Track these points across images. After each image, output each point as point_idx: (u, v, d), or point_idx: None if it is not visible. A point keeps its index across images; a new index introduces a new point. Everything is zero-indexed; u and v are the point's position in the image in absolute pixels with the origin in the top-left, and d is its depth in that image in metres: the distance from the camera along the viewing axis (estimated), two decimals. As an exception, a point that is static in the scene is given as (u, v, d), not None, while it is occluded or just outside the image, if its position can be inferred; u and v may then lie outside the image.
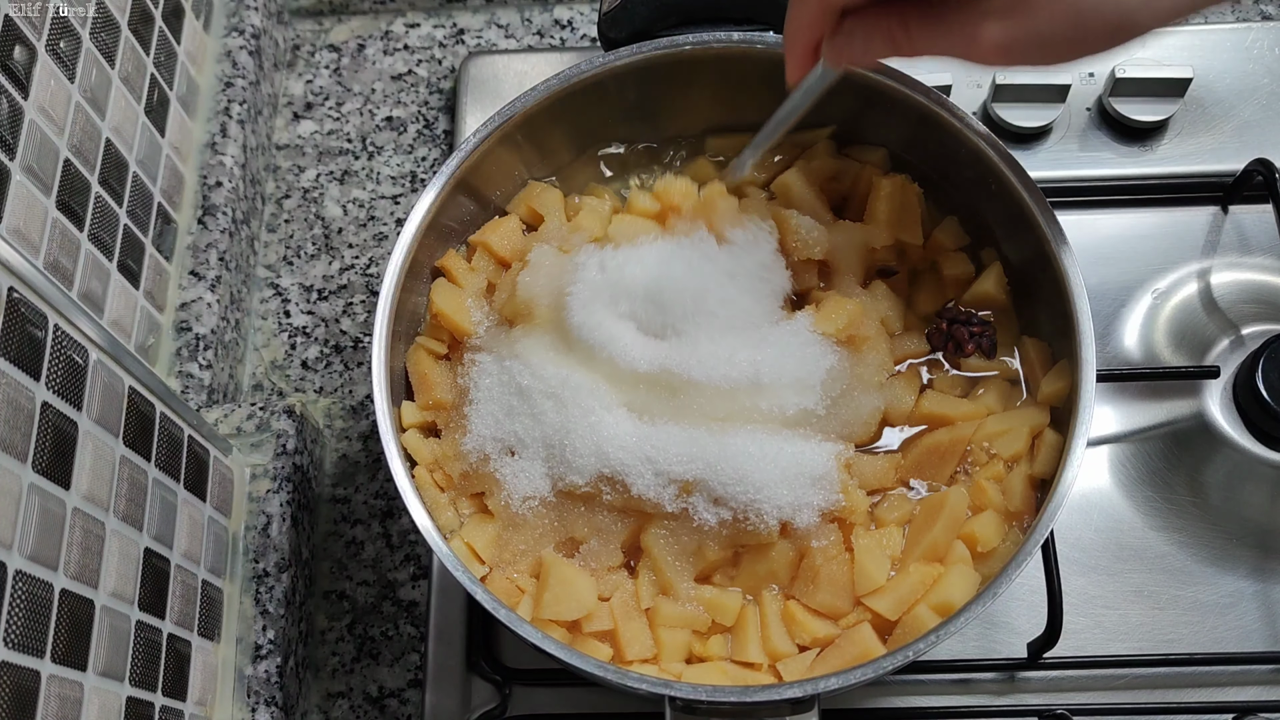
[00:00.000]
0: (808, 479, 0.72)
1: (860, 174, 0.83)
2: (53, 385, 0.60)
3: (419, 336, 0.80)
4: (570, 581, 0.71)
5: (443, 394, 0.77)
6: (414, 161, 1.02)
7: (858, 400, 0.76)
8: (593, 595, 0.72)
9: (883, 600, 0.71)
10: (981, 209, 0.80)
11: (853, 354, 0.76)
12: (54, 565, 0.59)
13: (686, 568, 0.73)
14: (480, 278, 0.81)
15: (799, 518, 0.72)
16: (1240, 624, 0.82)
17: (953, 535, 0.73)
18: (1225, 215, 0.94)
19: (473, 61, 1.02)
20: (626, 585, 0.73)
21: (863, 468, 0.75)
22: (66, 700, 0.59)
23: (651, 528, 0.73)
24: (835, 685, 0.64)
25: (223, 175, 0.92)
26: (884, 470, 0.76)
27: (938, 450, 0.75)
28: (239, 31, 0.98)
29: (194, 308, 0.87)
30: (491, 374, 0.76)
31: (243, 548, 0.82)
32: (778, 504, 0.71)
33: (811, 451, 0.73)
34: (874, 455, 0.76)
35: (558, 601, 0.71)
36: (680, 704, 0.65)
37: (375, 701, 0.85)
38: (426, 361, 0.78)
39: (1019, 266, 0.79)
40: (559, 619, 0.71)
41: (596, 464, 0.72)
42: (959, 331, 0.79)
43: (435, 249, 0.81)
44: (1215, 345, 0.88)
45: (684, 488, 0.72)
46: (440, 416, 0.78)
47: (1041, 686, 0.81)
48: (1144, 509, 0.85)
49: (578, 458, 0.72)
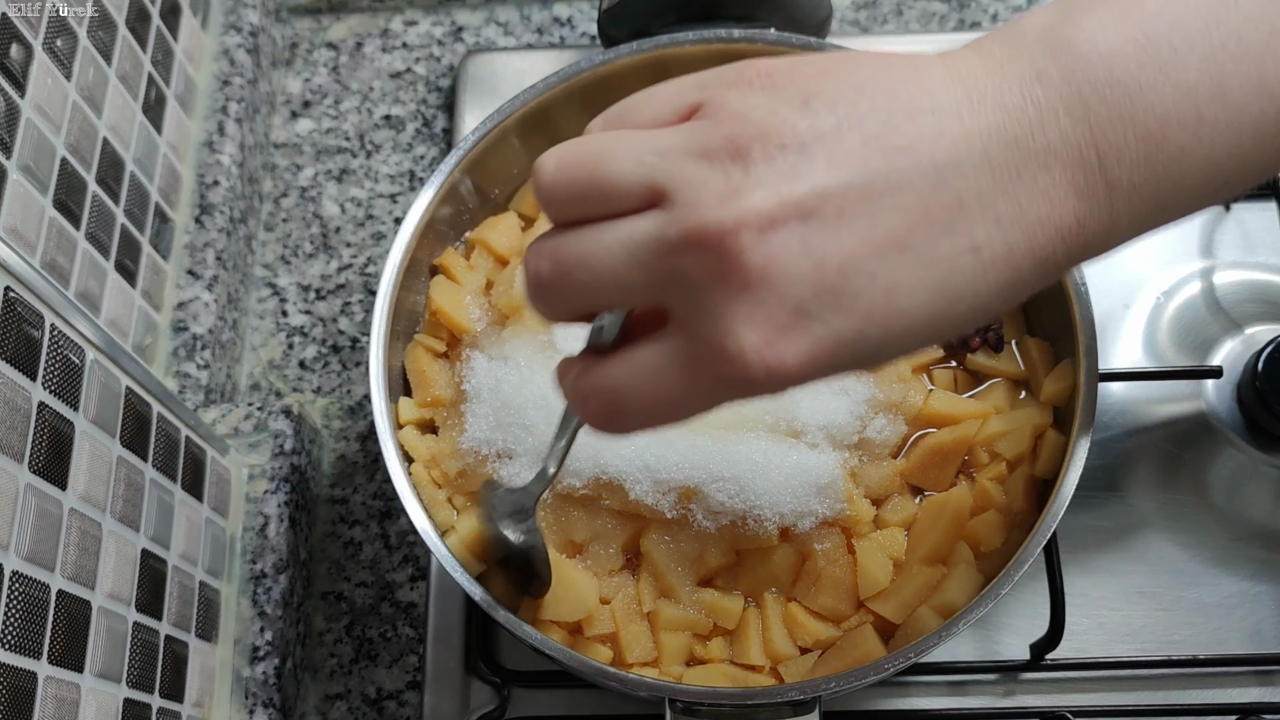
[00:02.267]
0: (812, 488, 0.71)
1: None
2: (49, 385, 0.59)
3: (418, 334, 0.80)
4: (573, 583, 0.71)
5: (440, 391, 0.77)
6: (412, 160, 1.02)
7: (878, 422, 0.75)
8: (595, 597, 0.72)
9: (887, 603, 0.71)
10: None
11: (876, 372, 0.76)
12: (51, 566, 0.59)
13: (687, 572, 0.72)
14: (479, 275, 0.81)
15: (801, 524, 0.71)
16: (1244, 625, 0.81)
17: (956, 537, 0.72)
18: (1228, 214, 0.93)
19: (471, 59, 1.02)
20: (629, 588, 0.73)
21: (868, 475, 0.75)
22: (63, 702, 0.59)
23: (651, 533, 0.72)
24: (836, 687, 0.64)
25: (220, 174, 0.92)
26: (889, 477, 0.75)
27: (941, 450, 0.75)
28: (237, 29, 0.98)
29: (191, 307, 0.87)
30: (482, 375, 0.76)
31: (240, 548, 0.81)
32: (780, 511, 0.71)
33: (816, 460, 0.72)
34: (878, 462, 0.75)
35: (559, 603, 0.71)
36: (681, 706, 0.65)
37: (373, 703, 0.84)
38: (425, 359, 0.78)
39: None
40: (561, 620, 0.71)
41: (593, 469, 0.72)
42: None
43: (434, 248, 0.80)
44: (1218, 345, 0.88)
45: (683, 494, 0.71)
46: (438, 414, 0.77)
47: (1044, 688, 0.81)
48: (1147, 510, 0.85)
49: (573, 462, 0.71)
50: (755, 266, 0.39)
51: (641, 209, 0.42)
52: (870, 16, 1.06)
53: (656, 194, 0.41)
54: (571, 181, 0.43)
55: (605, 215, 0.42)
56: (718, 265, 0.40)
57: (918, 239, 0.40)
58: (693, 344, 0.42)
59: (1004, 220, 0.41)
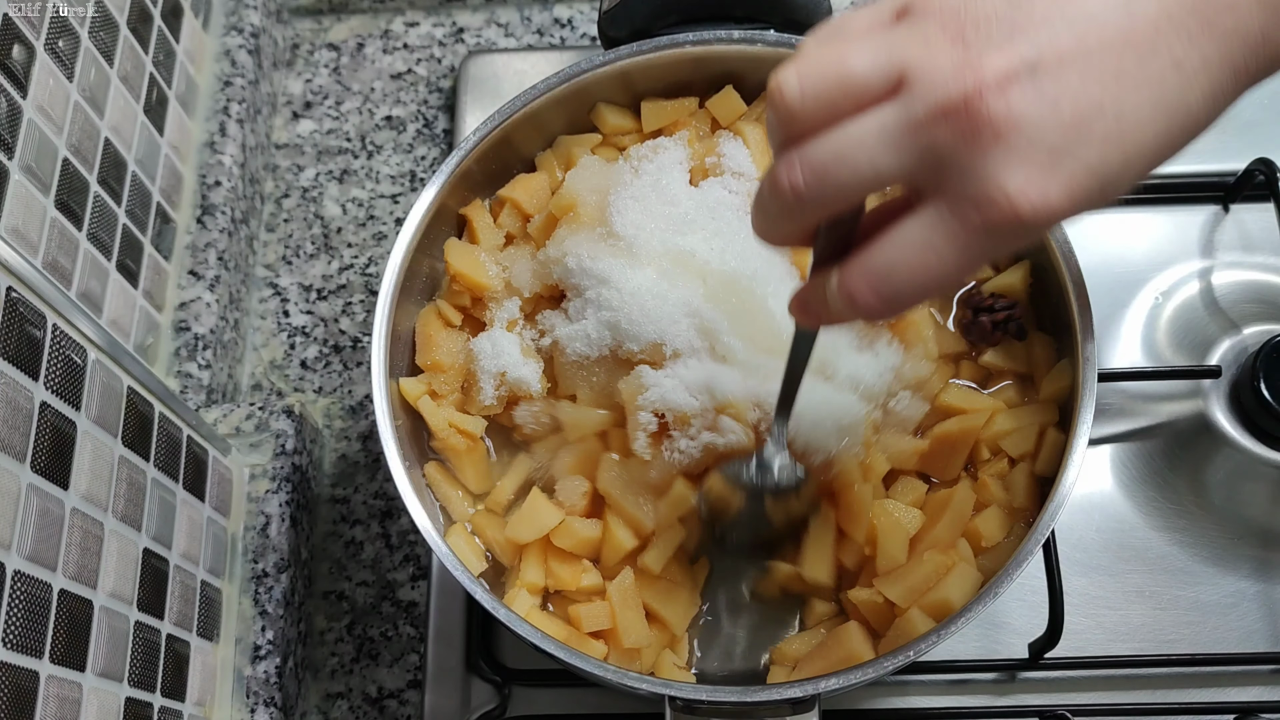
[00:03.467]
0: (833, 424, 0.72)
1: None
2: (51, 385, 0.60)
3: (438, 298, 0.81)
4: (536, 508, 0.74)
5: (443, 357, 0.78)
6: (413, 161, 1.02)
7: (903, 396, 0.76)
8: (555, 519, 0.74)
9: (895, 587, 0.71)
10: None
11: (906, 349, 0.76)
12: (53, 565, 0.59)
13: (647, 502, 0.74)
14: (500, 234, 0.81)
15: (811, 458, 0.72)
16: (1242, 624, 0.81)
17: (957, 533, 0.73)
18: (1226, 214, 0.93)
19: (472, 60, 1.02)
20: (626, 579, 0.73)
21: (888, 443, 0.75)
22: (65, 701, 0.59)
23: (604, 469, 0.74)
24: (836, 685, 0.64)
25: (221, 174, 0.92)
26: (908, 453, 0.75)
27: (949, 440, 0.75)
28: (238, 30, 0.98)
29: (193, 307, 0.87)
30: (582, 271, 0.76)
31: (242, 548, 0.81)
32: (805, 439, 0.71)
33: (843, 399, 0.73)
34: (900, 434, 0.76)
35: (522, 521, 0.74)
36: (680, 704, 0.65)
37: (374, 702, 0.85)
38: (435, 324, 0.79)
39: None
40: (518, 539, 0.74)
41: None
42: (982, 320, 0.78)
43: (435, 248, 0.81)
44: (1216, 345, 0.88)
45: (714, 349, 0.73)
46: (435, 379, 0.78)
47: (1042, 687, 0.81)
48: (1145, 509, 0.85)
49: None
50: (1002, 119, 0.44)
51: (884, 98, 0.46)
52: (870, 17, 1.06)
53: (897, 80, 0.45)
54: (818, 86, 0.47)
55: (851, 111, 0.46)
56: (969, 126, 0.44)
57: (1127, 65, 0.45)
58: (957, 204, 0.45)
59: (1195, 36, 0.46)
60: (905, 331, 0.77)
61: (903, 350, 0.76)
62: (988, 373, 0.79)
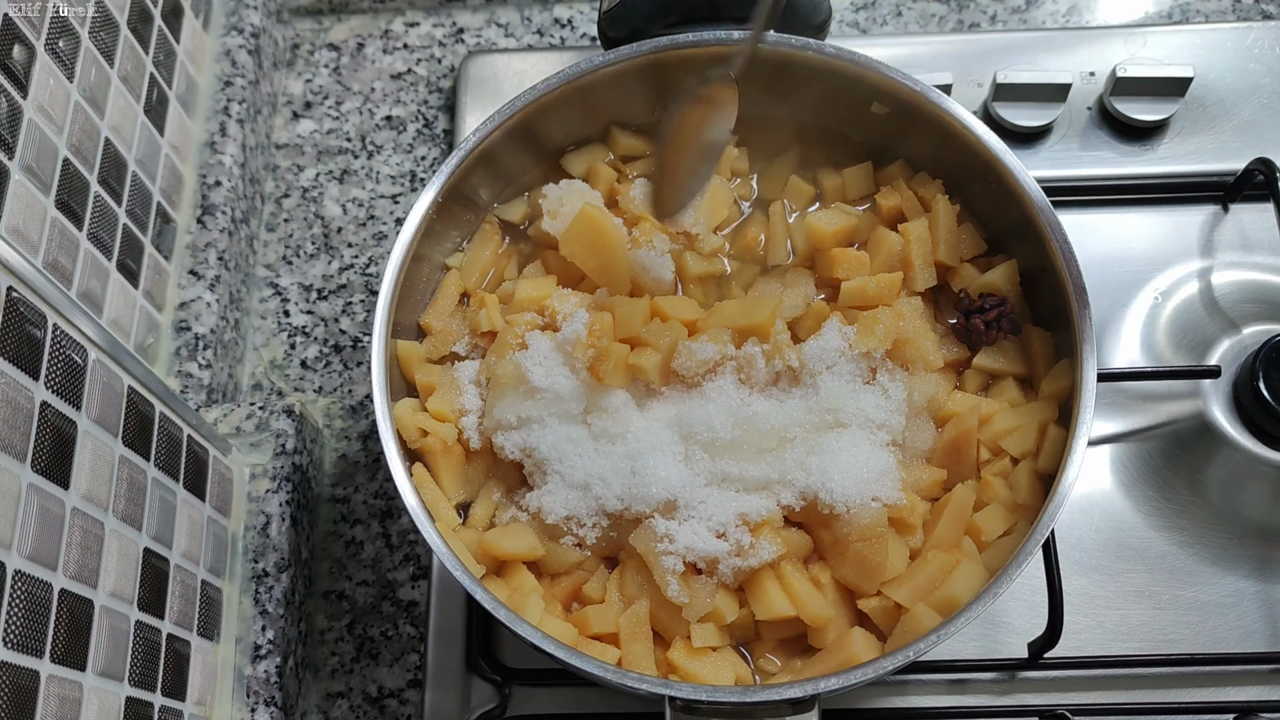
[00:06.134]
0: (872, 474, 0.73)
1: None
2: (52, 385, 0.60)
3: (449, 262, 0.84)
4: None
5: (442, 325, 0.81)
6: (413, 161, 1.02)
7: (914, 426, 0.77)
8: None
9: (900, 589, 0.71)
10: (982, 210, 0.80)
11: (910, 378, 0.77)
12: (53, 565, 0.59)
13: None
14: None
15: (860, 514, 0.72)
16: (1241, 624, 0.81)
17: (959, 531, 0.73)
18: (1226, 214, 0.93)
19: (472, 60, 1.02)
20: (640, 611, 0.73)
21: (912, 478, 0.75)
22: (66, 700, 0.59)
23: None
24: (835, 685, 0.64)
25: (222, 174, 0.92)
26: (932, 484, 0.76)
27: (954, 444, 0.75)
28: (238, 30, 0.98)
29: (193, 307, 0.87)
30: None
31: (242, 548, 0.81)
32: (845, 497, 0.72)
33: (869, 449, 0.74)
34: (919, 466, 0.76)
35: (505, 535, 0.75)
36: (680, 704, 0.65)
37: (375, 701, 0.85)
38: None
39: (1020, 266, 0.79)
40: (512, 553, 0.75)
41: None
42: (975, 322, 0.78)
43: (435, 247, 0.81)
44: (1216, 345, 0.88)
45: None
46: (432, 342, 0.80)
47: (1042, 686, 0.81)
48: (1145, 509, 0.85)
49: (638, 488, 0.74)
50: None
51: None
52: (870, 18, 1.06)
53: None
54: None
55: None
56: None
57: None
58: None
59: None
60: (905, 350, 0.77)
61: (907, 376, 0.76)
62: (989, 375, 0.79)
